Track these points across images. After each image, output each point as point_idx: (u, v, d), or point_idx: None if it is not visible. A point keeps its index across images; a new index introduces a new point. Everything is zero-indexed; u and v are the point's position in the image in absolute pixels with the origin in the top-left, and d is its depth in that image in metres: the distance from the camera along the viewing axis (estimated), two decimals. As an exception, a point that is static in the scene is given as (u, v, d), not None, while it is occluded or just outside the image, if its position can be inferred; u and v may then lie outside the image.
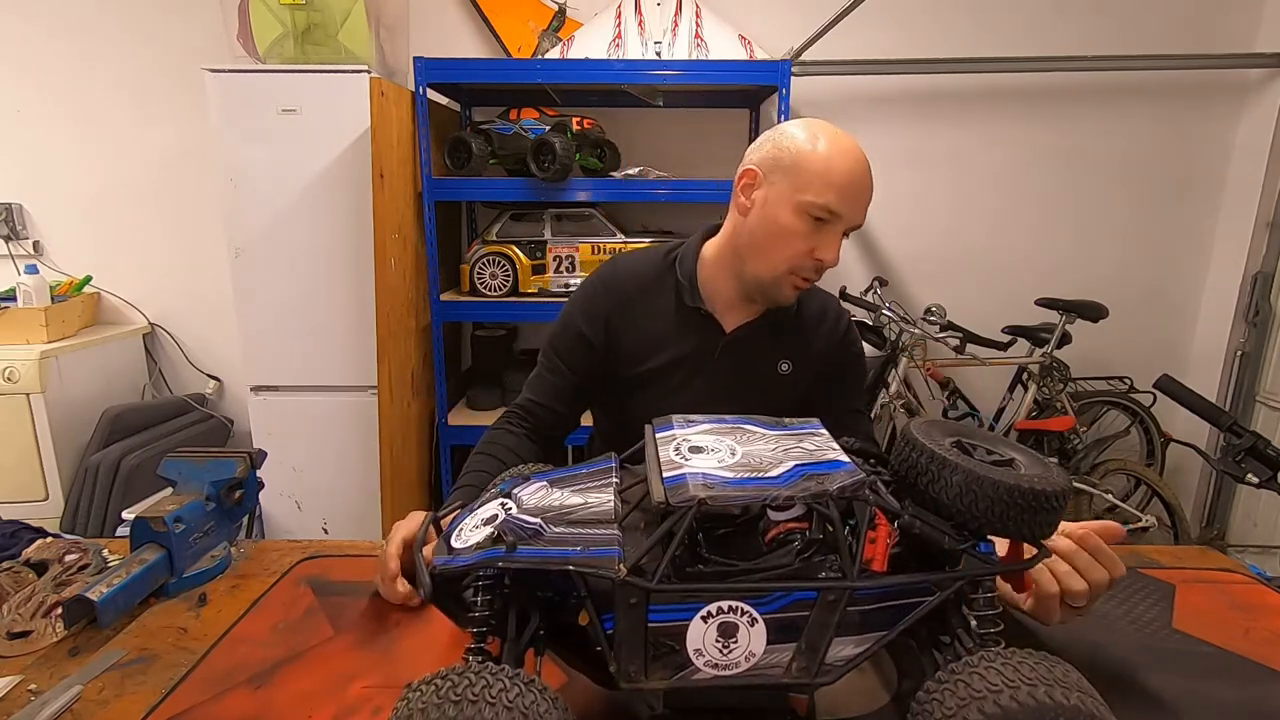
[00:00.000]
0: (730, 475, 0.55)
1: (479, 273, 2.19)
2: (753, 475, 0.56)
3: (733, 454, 0.59)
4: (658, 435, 0.65)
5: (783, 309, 1.06)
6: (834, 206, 0.93)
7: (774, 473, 0.56)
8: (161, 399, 2.64)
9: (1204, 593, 0.83)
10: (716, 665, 0.53)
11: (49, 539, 0.90)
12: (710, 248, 1.08)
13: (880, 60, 2.41)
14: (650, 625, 0.52)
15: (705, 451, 0.60)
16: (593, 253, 2.19)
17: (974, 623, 0.56)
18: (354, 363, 2.16)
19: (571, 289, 1.84)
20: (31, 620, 0.74)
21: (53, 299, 2.36)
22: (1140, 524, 2.18)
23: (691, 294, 1.06)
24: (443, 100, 2.39)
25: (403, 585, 0.79)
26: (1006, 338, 2.36)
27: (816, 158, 0.93)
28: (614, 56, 2.22)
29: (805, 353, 1.10)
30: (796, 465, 0.57)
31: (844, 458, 0.60)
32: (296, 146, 2.03)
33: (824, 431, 0.66)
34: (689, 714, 0.61)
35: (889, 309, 2.23)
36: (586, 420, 1.26)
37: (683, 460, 0.58)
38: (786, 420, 0.69)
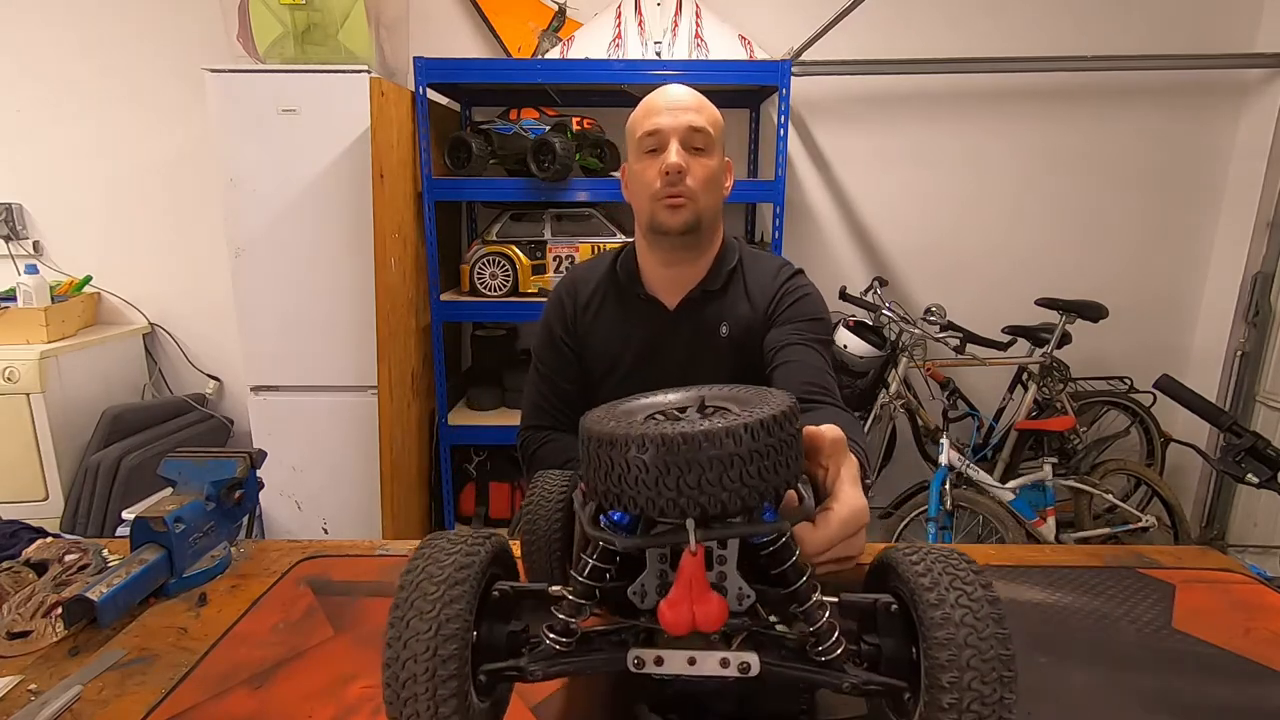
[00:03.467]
0: None
1: (479, 273, 2.19)
2: None
3: None
4: None
5: (714, 277, 1.13)
6: (652, 125, 1.04)
7: None
8: (161, 399, 2.64)
9: (1204, 593, 0.83)
10: None
11: (49, 539, 0.90)
12: (637, 238, 1.16)
13: (880, 60, 2.41)
14: None
15: None
16: (593, 253, 2.19)
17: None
18: (354, 363, 2.16)
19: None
20: (31, 620, 0.74)
21: (53, 299, 2.36)
22: (1140, 524, 2.18)
23: (633, 282, 1.14)
24: (443, 100, 2.39)
25: None
26: (1006, 338, 2.36)
27: (636, 110, 1.09)
28: (614, 56, 2.22)
29: (744, 312, 1.13)
30: None
31: None
32: (296, 146, 2.03)
33: None
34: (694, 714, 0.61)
35: (889, 309, 2.23)
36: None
37: None
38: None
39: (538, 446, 1.16)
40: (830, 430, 0.61)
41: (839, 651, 0.46)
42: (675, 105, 1.04)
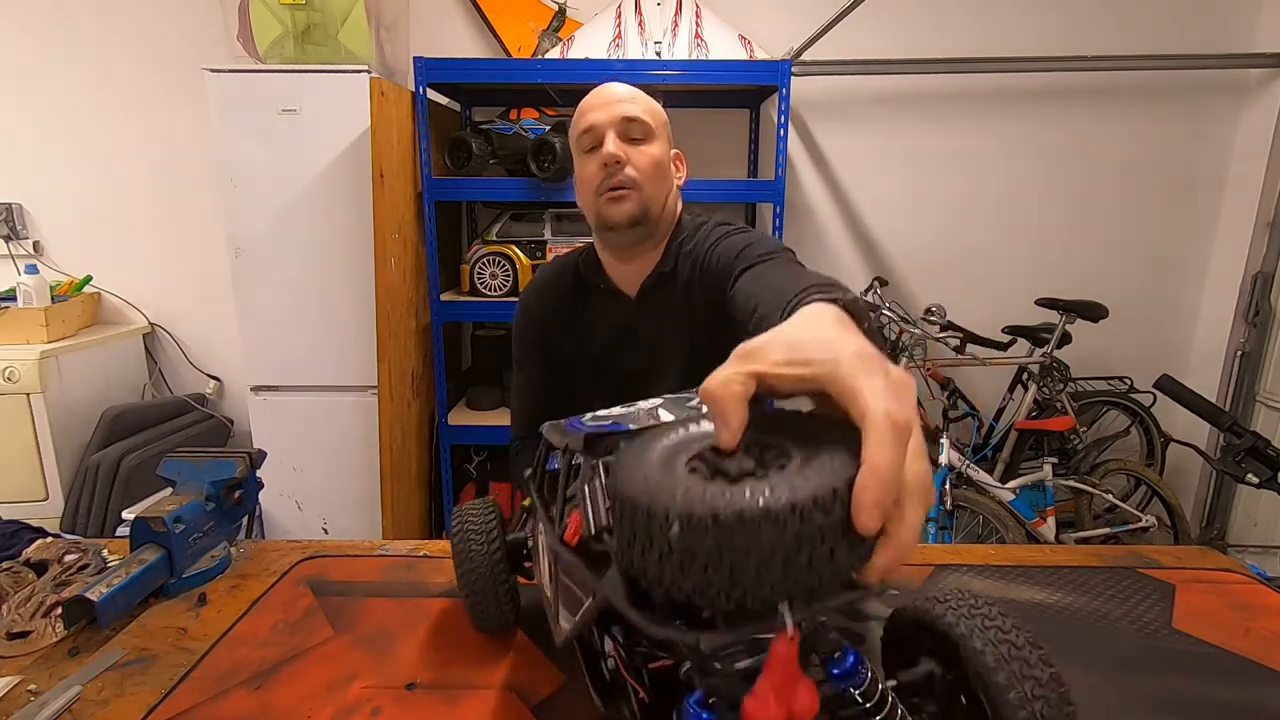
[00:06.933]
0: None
1: (479, 273, 2.19)
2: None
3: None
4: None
5: (667, 259, 1.08)
6: (587, 123, 1.03)
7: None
8: (161, 399, 2.64)
9: (1204, 593, 0.83)
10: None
11: (49, 539, 0.90)
12: (595, 239, 1.14)
13: (880, 60, 2.41)
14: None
15: None
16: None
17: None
18: (354, 363, 2.16)
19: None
20: (31, 620, 0.74)
21: (53, 299, 2.36)
22: (1140, 524, 2.18)
23: (595, 275, 1.12)
24: (443, 100, 2.39)
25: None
26: (1006, 338, 2.36)
27: (575, 114, 1.07)
28: (614, 56, 2.22)
29: (696, 296, 1.06)
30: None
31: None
32: (296, 146, 2.03)
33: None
34: None
35: (889, 309, 2.22)
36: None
37: None
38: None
39: (514, 455, 1.17)
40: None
41: None
42: (608, 100, 1.04)
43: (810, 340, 0.39)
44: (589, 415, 0.59)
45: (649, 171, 1.02)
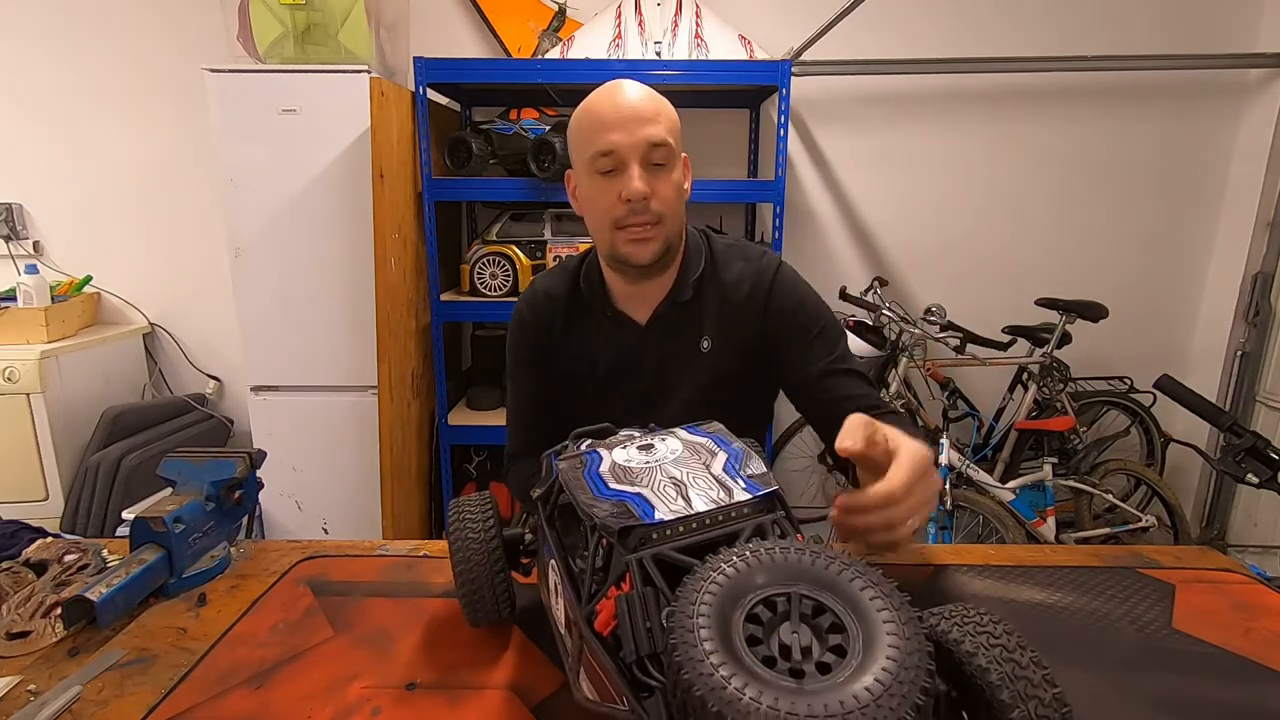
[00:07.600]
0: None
1: (479, 273, 2.19)
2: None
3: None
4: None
5: (682, 287, 1.03)
6: (607, 144, 0.90)
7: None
8: (161, 399, 2.64)
9: (1204, 593, 0.83)
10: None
11: (49, 539, 0.90)
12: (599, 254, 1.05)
13: (880, 60, 2.41)
14: None
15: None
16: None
17: None
18: (354, 363, 2.16)
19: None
20: (31, 620, 0.74)
21: (53, 299, 2.36)
22: (1140, 524, 2.18)
23: (601, 299, 1.05)
24: (443, 100, 2.39)
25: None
26: (1006, 338, 2.36)
27: (581, 116, 0.95)
28: (614, 56, 2.22)
29: (728, 326, 1.03)
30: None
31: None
32: (296, 146, 2.03)
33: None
34: None
35: (889, 309, 2.22)
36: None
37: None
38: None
39: (508, 473, 1.15)
40: (855, 426, 0.65)
41: None
42: (630, 117, 0.91)
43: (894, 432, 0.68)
44: (606, 462, 0.59)
45: (674, 204, 0.95)
